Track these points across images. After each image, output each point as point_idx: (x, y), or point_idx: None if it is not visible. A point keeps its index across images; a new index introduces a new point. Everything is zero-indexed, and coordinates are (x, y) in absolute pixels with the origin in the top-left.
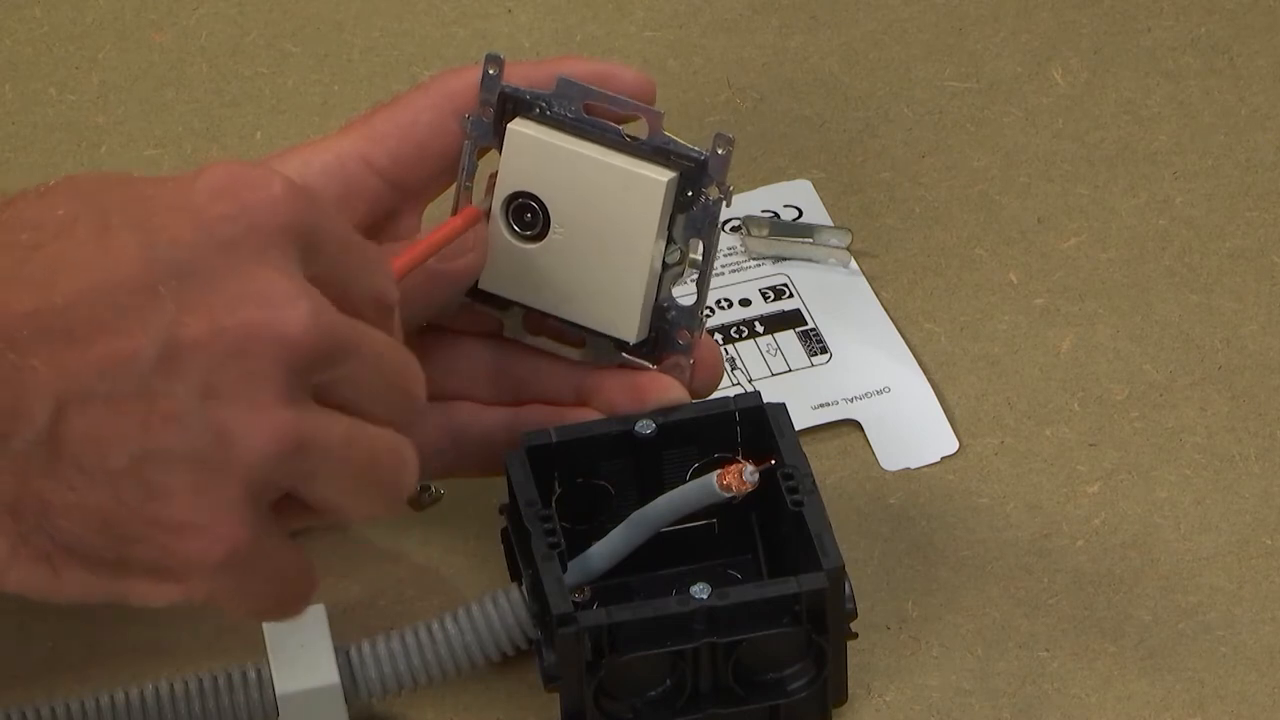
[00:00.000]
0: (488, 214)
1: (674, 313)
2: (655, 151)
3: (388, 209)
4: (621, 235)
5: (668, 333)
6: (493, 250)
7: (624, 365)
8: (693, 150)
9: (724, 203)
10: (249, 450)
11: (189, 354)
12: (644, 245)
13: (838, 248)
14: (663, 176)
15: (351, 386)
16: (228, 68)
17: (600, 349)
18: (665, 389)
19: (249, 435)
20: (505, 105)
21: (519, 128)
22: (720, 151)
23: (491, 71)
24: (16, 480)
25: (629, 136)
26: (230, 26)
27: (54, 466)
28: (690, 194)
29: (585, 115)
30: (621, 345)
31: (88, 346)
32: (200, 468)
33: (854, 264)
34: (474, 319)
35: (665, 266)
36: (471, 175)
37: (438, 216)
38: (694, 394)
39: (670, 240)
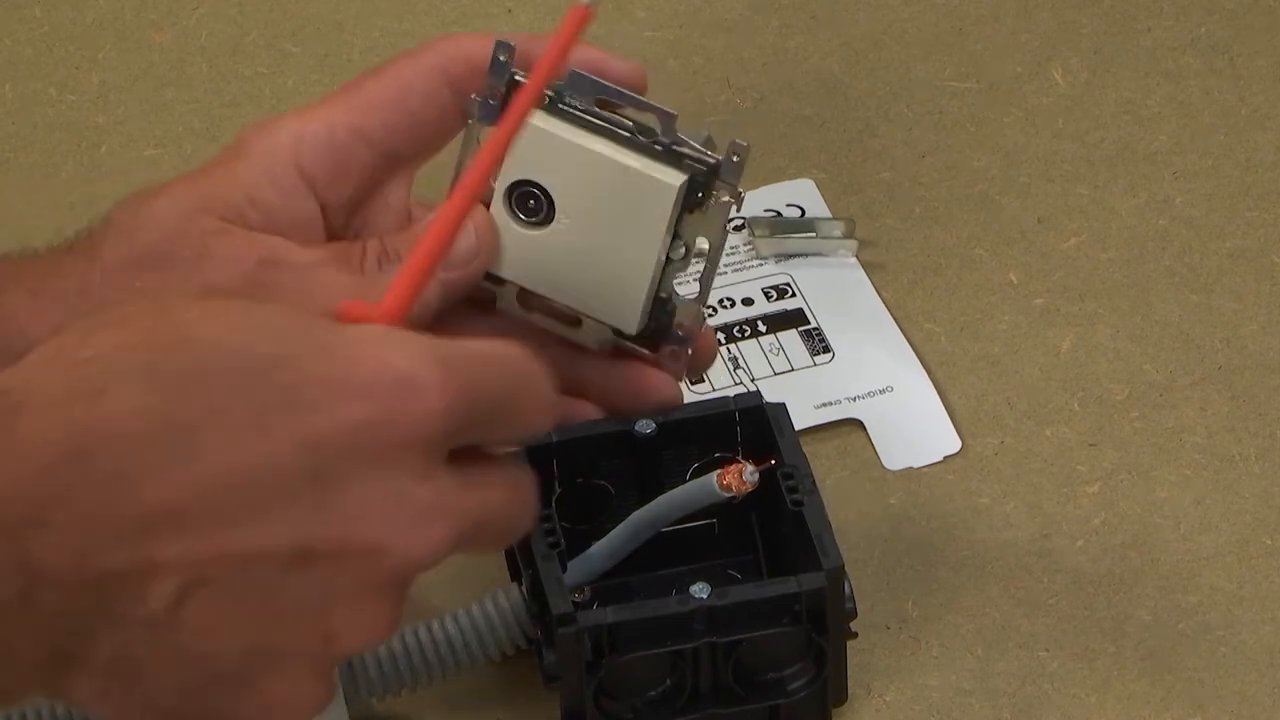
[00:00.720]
0: (488, 203)
1: (674, 304)
2: (666, 151)
3: (378, 180)
4: (629, 232)
5: (666, 324)
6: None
7: (618, 351)
8: (706, 155)
9: (734, 206)
10: (350, 649)
11: (315, 559)
12: (651, 243)
13: (843, 239)
14: (675, 180)
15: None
16: (228, 68)
17: (596, 332)
18: (661, 386)
19: (354, 639)
20: (515, 92)
21: (532, 119)
22: (735, 159)
23: (502, 58)
24: (118, 648)
25: (640, 133)
26: (230, 26)
27: (159, 646)
28: (700, 195)
29: (596, 109)
30: (619, 334)
31: (224, 537)
32: (301, 665)
33: (858, 257)
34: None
35: (669, 261)
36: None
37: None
38: (690, 376)
39: (676, 236)
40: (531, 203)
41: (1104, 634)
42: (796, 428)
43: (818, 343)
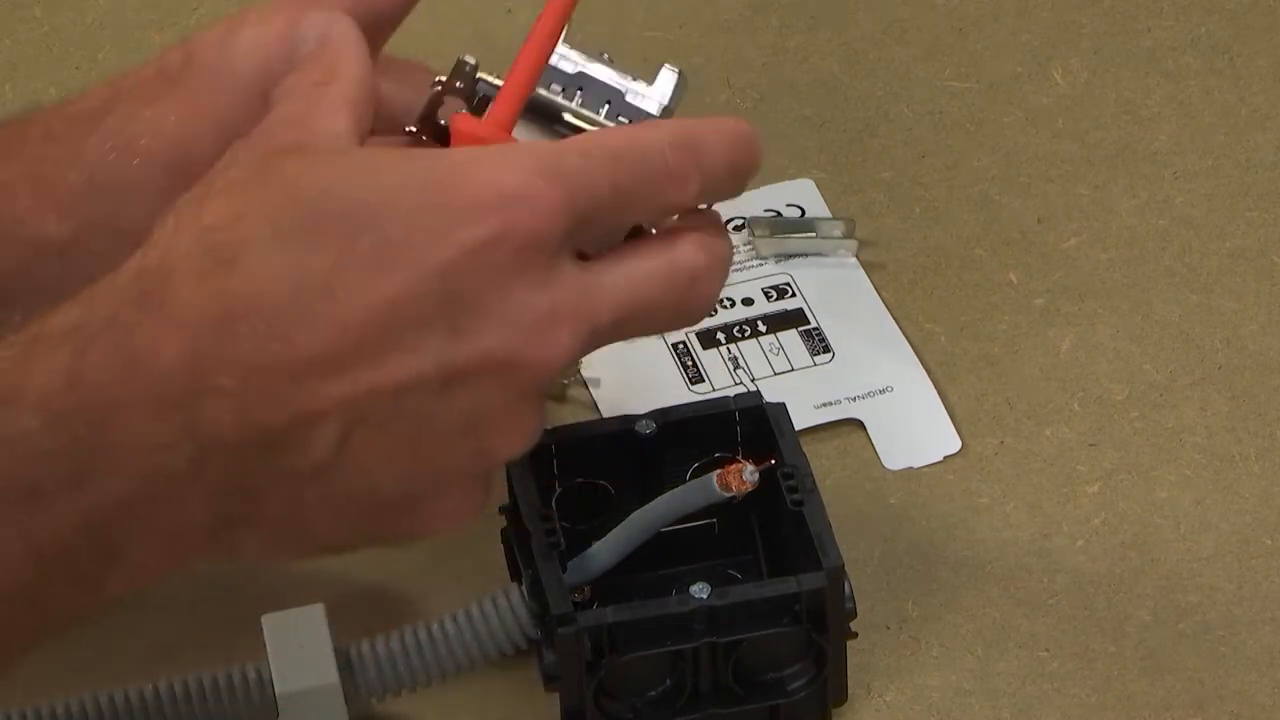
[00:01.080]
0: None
1: None
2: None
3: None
4: None
5: None
6: None
7: None
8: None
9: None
10: (502, 459)
11: (460, 380)
12: None
13: (843, 239)
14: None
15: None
16: None
17: None
18: None
19: (504, 450)
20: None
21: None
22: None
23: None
24: (286, 501)
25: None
26: None
27: (326, 490)
28: None
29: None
30: None
31: (373, 373)
32: (460, 481)
33: (859, 257)
34: None
35: None
36: None
37: None
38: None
39: None
40: None
41: (1104, 634)
42: (796, 428)
43: (818, 343)
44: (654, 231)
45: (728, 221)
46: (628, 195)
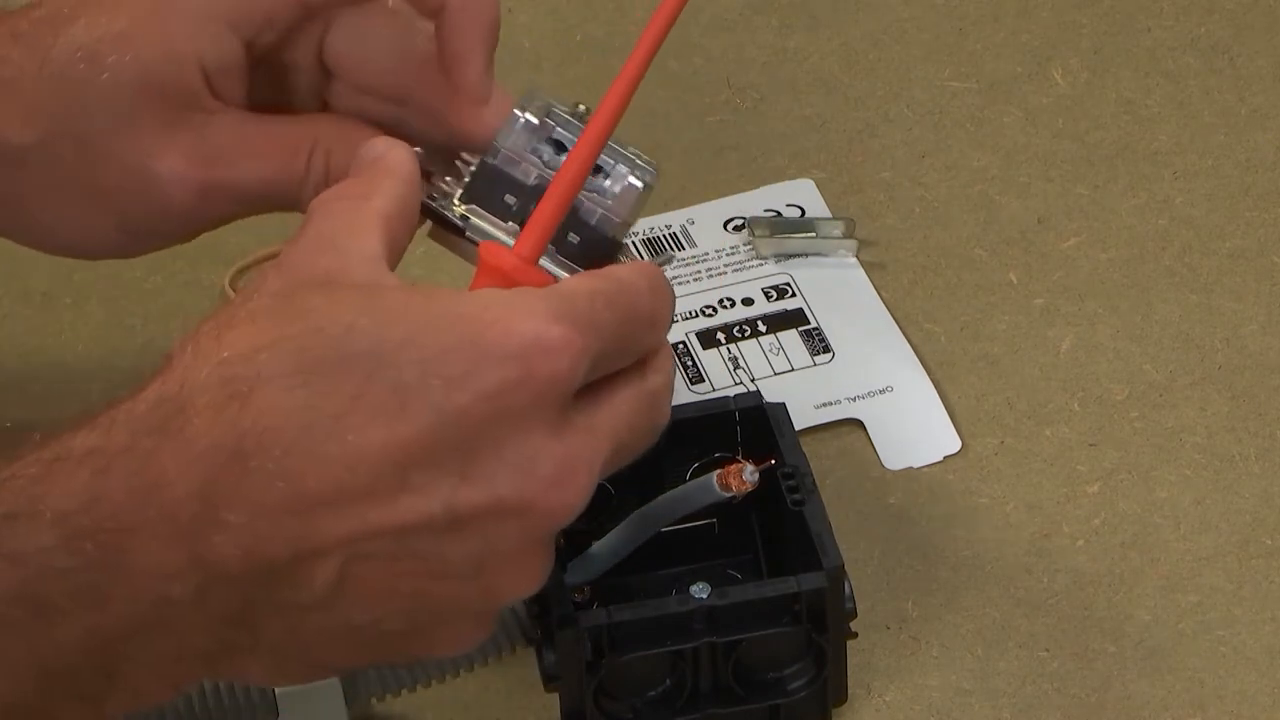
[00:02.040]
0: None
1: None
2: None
3: (288, 23)
4: None
5: None
6: None
7: None
8: None
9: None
10: (508, 600)
11: (469, 523)
12: None
13: (843, 239)
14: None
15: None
16: None
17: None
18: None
19: (511, 591)
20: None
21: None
22: None
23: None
24: (286, 631)
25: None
26: None
27: (326, 622)
28: None
29: None
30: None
31: (379, 512)
32: (466, 618)
33: (858, 257)
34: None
35: None
36: None
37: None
38: None
39: None
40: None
41: (1104, 634)
42: (796, 428)
43: (818, 343)
44: None
45: (728, 221)
46: (625, 340)
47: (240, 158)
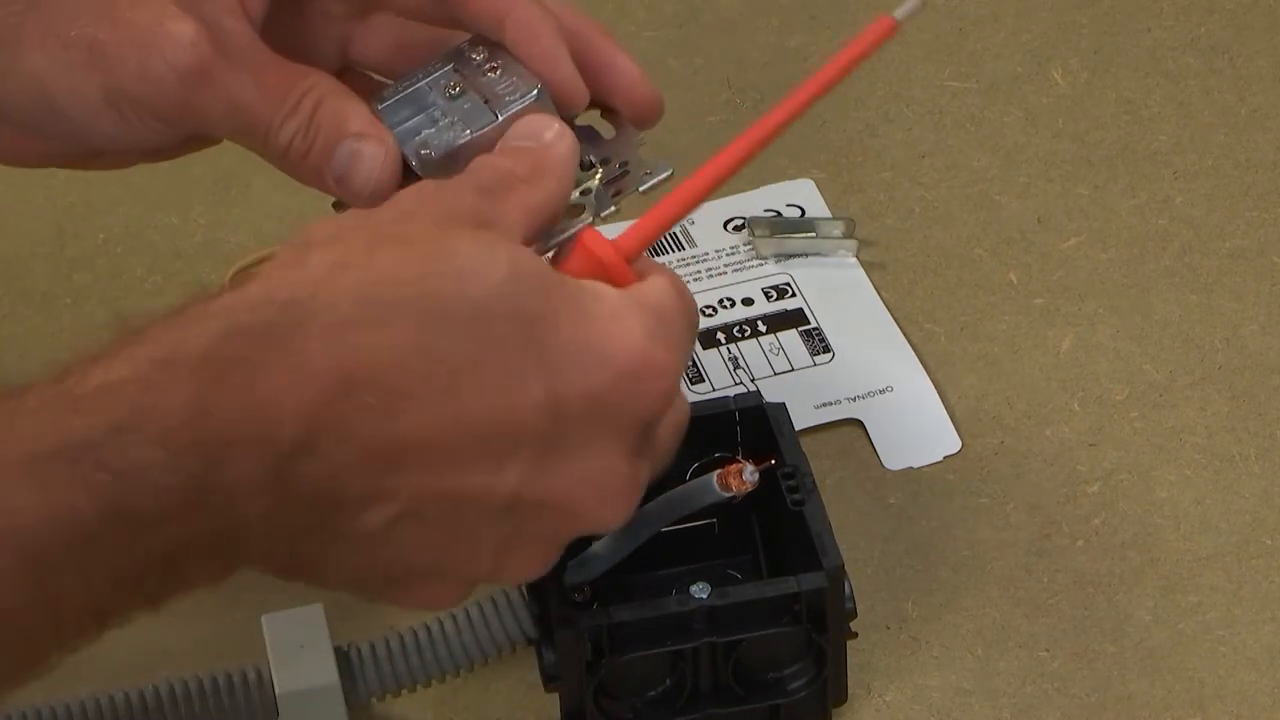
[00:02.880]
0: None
1: None
2: None
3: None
4: None
5: None
6: None
7: None
8: None
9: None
10: (507, 582)
11: (519, 509)
12: None
13: (843, 239)
14: None
15: None
16: None
17: None
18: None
19: (515, 576)
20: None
21: None
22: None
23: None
24: (318, 546)
25: None
26: None
27: (354, 553)
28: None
29: None
30: None
31: (453, 478)
32: (458, 583)
33: (858, 257)
34: None
35: None
36: None
37: None
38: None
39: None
40: None
41: (1104, 634)
42: (796, 428)
43: (818, 343)
44: None
45: (728, 221)
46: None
47: (242, 64)
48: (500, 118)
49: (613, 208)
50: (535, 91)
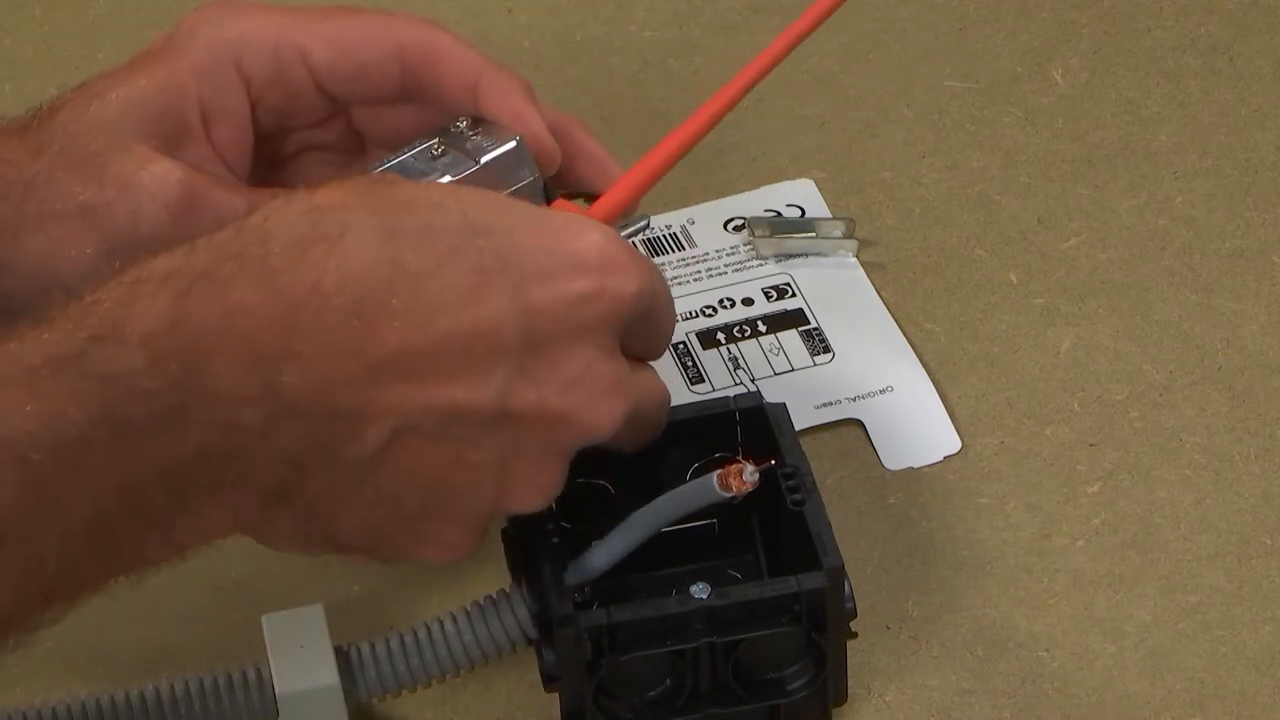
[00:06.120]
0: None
1: None
2: None
3: (305, 114)
4: None
5: None
6: None
7: None
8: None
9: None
10: (515, 507)
11: (510, 418)
12: None
13: (843, 239)
14: None
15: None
16: None
17: None
18: None
19: (522, 498)
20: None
21: None
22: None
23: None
24: (326, 486)
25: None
26: None
27: (361, 485)
28: None
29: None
30: None
31: (441, 388)
32: (473, 510)
33: (858, 257)
34: None
35: None
36: None
37: None
38: None
39: None
40: None
41: (1104, 634)
42: (796, 428)
43: (818, 343)
44: None
45: (728, 221)
46: (662, 309)
47: (229, 186)
48: (480, 162)
49: None
50: (514, 141)
